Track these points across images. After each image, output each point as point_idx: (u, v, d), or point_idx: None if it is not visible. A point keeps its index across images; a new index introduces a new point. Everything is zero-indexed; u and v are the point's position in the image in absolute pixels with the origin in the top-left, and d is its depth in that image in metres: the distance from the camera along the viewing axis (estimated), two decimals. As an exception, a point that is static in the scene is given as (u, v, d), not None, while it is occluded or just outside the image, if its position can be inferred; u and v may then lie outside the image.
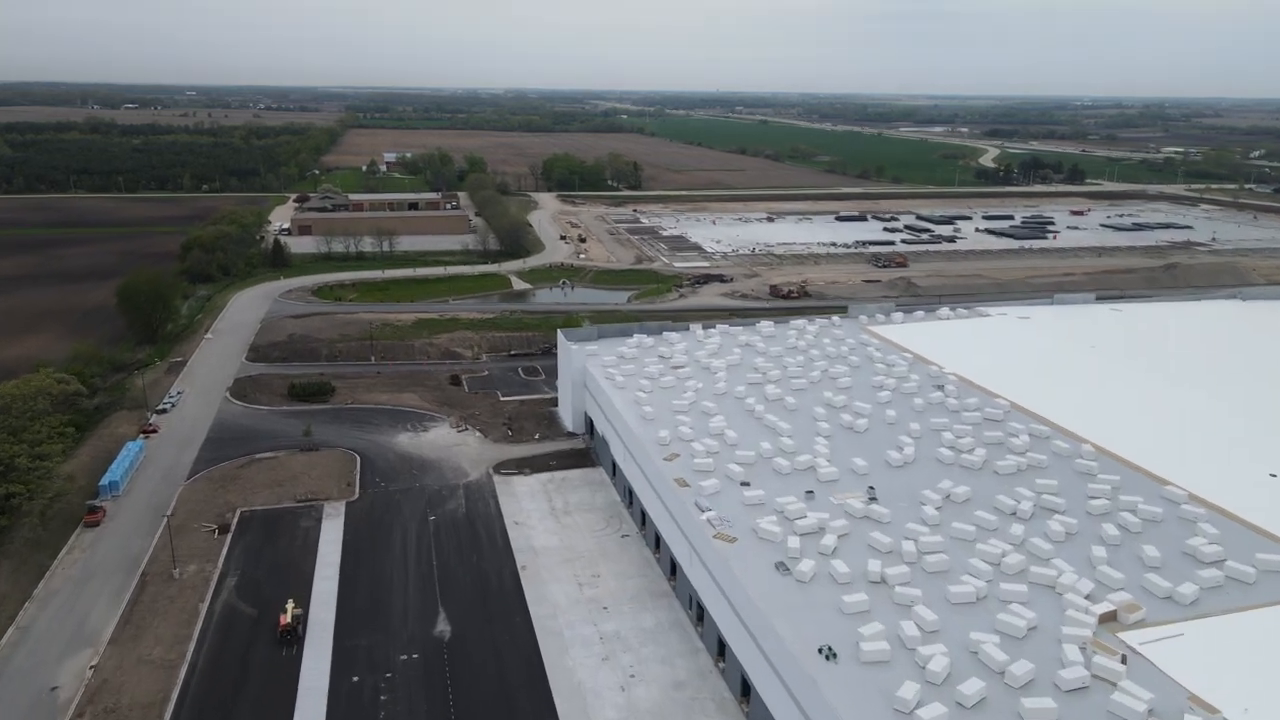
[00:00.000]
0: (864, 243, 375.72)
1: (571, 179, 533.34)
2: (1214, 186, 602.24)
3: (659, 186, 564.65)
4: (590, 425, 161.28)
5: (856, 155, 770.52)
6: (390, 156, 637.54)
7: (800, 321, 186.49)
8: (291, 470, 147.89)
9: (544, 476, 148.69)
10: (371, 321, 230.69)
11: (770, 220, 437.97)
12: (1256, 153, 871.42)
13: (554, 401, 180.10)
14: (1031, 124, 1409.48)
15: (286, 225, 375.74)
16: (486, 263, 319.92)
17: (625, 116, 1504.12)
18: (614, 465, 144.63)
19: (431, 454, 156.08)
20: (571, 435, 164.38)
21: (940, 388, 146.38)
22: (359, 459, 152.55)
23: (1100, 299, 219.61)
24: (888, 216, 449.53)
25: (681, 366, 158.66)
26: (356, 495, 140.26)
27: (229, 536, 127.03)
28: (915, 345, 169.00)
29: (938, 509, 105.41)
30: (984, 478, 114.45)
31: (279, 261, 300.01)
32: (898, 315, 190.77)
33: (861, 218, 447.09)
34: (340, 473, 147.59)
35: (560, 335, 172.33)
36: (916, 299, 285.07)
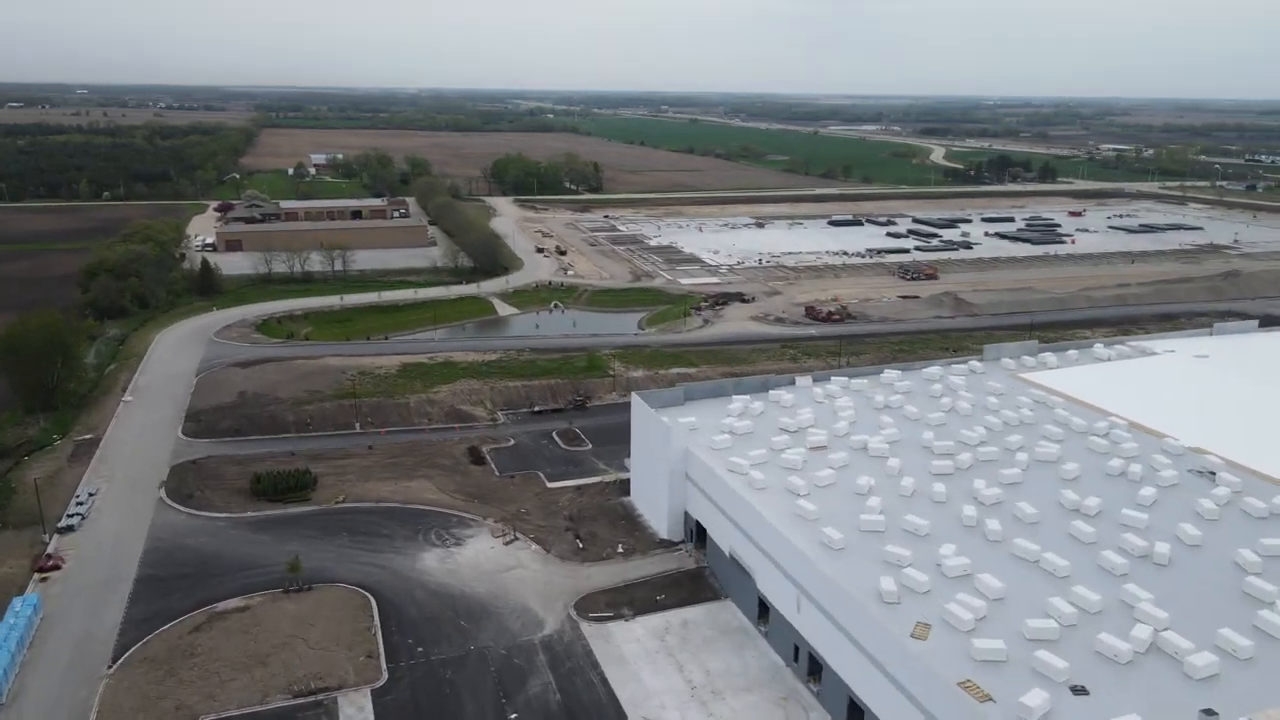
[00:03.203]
0: (875, 250, 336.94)
1: (528, 182, 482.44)
2: (1188, 185, 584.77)
3: (618, 188, 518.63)
4: (698, 530, 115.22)
5: (804, 154, 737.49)
6: (319, 158, 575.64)
7: (934, 369, 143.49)
8: (277, 630, 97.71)
9: (655, 622, 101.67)
10: (344, 369, 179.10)
11: (760, 226, 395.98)
12: (1195, 148, 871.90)
13: (622, 487, 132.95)
14: (956, 122, 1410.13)
15: (210, 240, 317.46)
16: (460, 282, 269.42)
17: (552, 116, 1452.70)
18: (759, 602, 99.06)
19: (478, 586, 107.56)
20: (667, 544, 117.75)
21: (1207, 475, 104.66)
22: (374, 603, 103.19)
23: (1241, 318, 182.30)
24: (883, 220, 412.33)
25: (823, 446, 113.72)
26: (385, 677, 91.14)
27: (193, 784, 76.97)
28: (1108, 402, 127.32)
29: None
30: None
31: (208, 287, 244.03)
32: (1048, 356, 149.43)
33: (857, 222, 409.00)
34: (352, 631, 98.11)
35: (637, 401, 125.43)
36: (975, 318, 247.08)
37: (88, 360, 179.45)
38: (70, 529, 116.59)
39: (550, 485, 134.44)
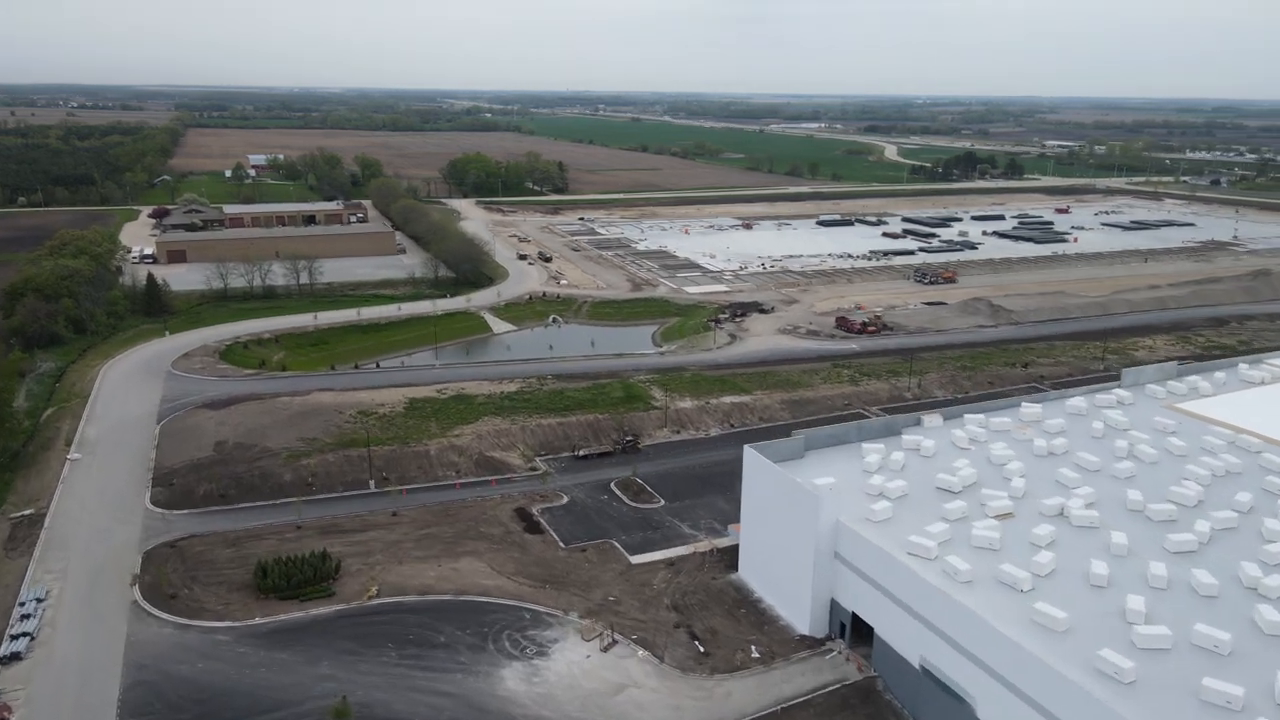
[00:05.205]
0: (879, 253, 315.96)
1: (490, 183, 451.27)
2: (1153, 180, 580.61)
3: (582, 189, 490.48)
4: (853, 623, 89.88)
5: (757, 152, 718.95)
6: (258, 159, 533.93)
7: (1078, 400, 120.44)
8: (329, 813, 69.32)
9: (839, 767, 76.01)
10: (339, 407, 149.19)
11: (748, 227, 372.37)
12: (1138, 144, 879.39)
13: (725, 559, 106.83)
14: (895, 120, 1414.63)
15: (149, 251, 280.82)
16: (445, 296, 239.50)
17: (490, 115, 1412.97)
18: (978, 738, 74.24)
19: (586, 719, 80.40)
20: (811, 642, 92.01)
21: None
22: (457, 758, 75.41)
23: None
24: (873, 220, 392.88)
25: (1010, 514, 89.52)
26: None
27: None
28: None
29: None
30: None
31: (156, 307, 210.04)
32: (1196, 380, 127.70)
33: (847, 222, 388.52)
34: (437, 810, 70.21)
35: (754, 457, 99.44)
36: (1018, 326, 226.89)
37: (18, 404, 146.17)
38: (16, 657, 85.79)
39: (634, 560, 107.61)
